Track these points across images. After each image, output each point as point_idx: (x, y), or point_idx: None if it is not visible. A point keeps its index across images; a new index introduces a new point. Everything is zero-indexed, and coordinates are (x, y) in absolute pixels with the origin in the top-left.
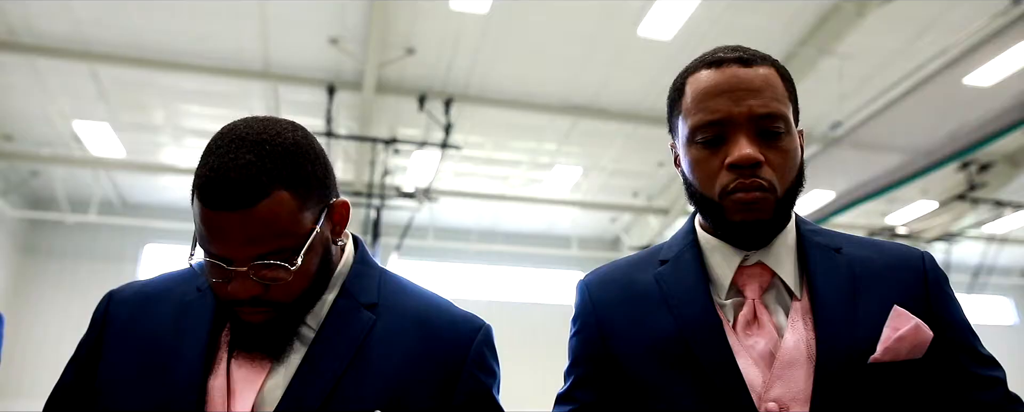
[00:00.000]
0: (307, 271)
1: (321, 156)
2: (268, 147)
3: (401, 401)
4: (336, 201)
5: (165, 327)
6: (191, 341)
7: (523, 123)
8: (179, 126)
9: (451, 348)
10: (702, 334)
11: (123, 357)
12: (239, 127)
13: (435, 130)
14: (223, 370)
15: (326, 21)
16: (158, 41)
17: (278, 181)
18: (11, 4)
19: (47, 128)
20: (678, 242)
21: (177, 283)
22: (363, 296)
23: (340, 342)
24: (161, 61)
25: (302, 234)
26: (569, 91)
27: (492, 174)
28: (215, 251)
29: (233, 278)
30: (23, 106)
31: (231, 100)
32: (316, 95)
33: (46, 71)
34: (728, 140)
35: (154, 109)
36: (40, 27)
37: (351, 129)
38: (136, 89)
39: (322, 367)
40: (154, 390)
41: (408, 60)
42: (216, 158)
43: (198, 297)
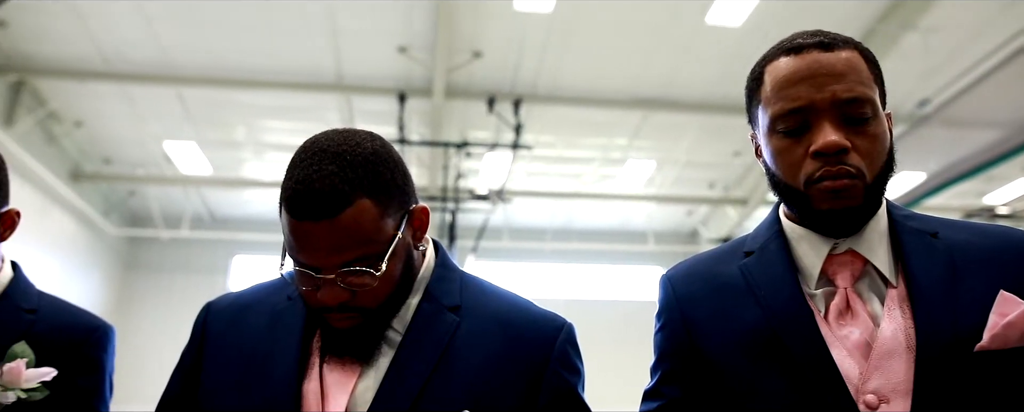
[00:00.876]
0: (391, 276)
1: (399, 164)
2: (349, 158)
3: (487, 401)
4: (416, 207)
5: (260, 335)
6: (285, 347)
7: (593, 119)
8: (260, 141)
9: (534, 348)
10: (792, 325)
11: (222, 365)
12: (320, 140)
13: (505, 131)
14: (316, 374)
15: (394, 30)
16: (237, 61)
17: (360, 190)
18: (106, 35)
19: (140, 150)
20: (763, 233)
21: (269, 293)
22: (446, 299)
23: (426, 345)
24: (240, 80)
25: (385, 240)
26: (638, 85)
27: (564, 172)
28: (304, 260)
29: (322, 286)
30: (119, 131)
31: (307, 113)
32: (388, 103)
33: (137, 96)
34: (812, 128)
35: (236, 126)
36: (130, 56)
37: (423, 135)
38: (219, 108)
39: (410, 369)
40: (253, 395)
41: (475, 63)
42: (300, 171)
43: (289, 305)
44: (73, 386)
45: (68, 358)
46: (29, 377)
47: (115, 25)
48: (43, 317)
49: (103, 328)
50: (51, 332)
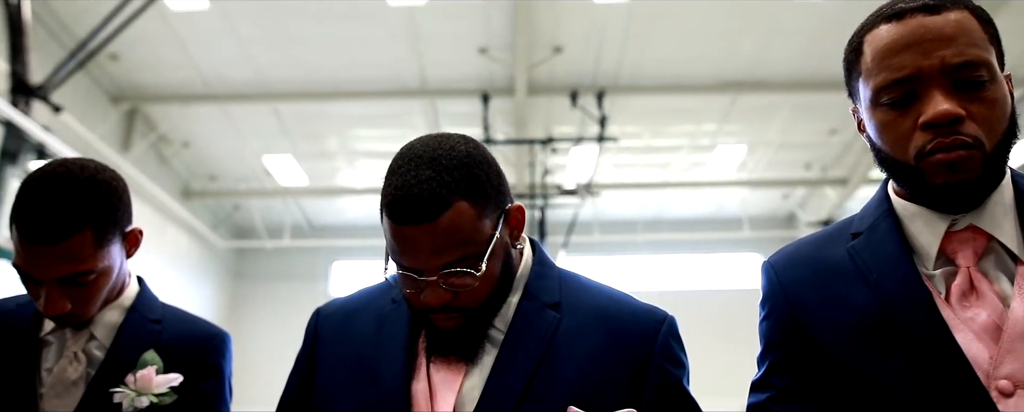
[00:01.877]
0: (491, 276)
1: (493, 165)
2: (444, 162)
3: (592, 397)
4: (511, 206)
5: (368, 338)
6: (392, 349)
7: (679, 107)
8: (351, 150)
9: (637, 342)
10: (910, 309)
11: (334, 368)
12: (416, 146)
13: (590, 125)
14: (424, 374)
15: (474, 33)
16: (326, 75)
17: (456, 193)
18: (205, 60)
19: (242, 165)
20: (871, 212)
21: (374, 297)
22: (545, 296)
23: (528, 342)
24: (330, 92)
25: (483, 241)
26: (723, 68)
27: (652, 162)
28: (406, 264)
29: (424, 288)
30: (221, 149)
31: (395, 120)
32: (471, 105)
33: (237, 115)
34: (921, 97)
35: (328, 137)
36: (228, 77)
37: (508, 133)
38: (312, 121)
39: (514, 367)
40: (365, 396)
41: (556, 59)
42: (399, 177)
43: (394, 308)
44: (196, 390)
45: (191, 364)
46: (159, 383)
47: (213, 50)
48: (167, 327)
49: (221, 335)
50: (175, 340)
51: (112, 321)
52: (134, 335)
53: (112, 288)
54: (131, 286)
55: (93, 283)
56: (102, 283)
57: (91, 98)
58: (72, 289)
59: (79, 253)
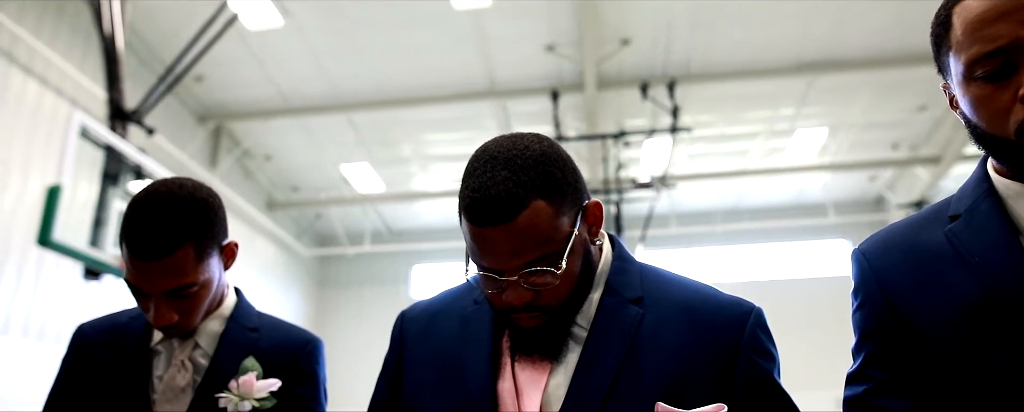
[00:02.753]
0: (572, 273)
1: (568, 162)
2: (519, 162)
3: (679, 392)
4: (589, 202)
5: (452, 339)
6: (477, 349)
7: (754, 92)
8: (425, 154)
9: (723, 335)
10: (1020, 293)
11: (421, 369)
12: (490, 147)
13: (662, 116)
14: (509, 373)
15: (540, 31)
16: (397, 82)
17: (533, 192)
18: (282, 76)
19: (321, 175)
20: (969, 193)
21: (456, 298)
22: (627, 291)
23: (612, 338)
24: (402, 99)
25: (562, 238)
26: (799, 48)
27: (729, 150)
28: (486, 264)
29: (506, 287)
30: (302, 160)
31: (466, 122)
32: (541, 103)
33: (314, 127)
34: (1019, 69)
35: (402, 143)
36: (304, 91)
37: (579, 130)
38: (385, 128)
39: (599, 364)
40: (452, 397)
41: (624, 51)
42: (475, 179)
43: (476, 309)
44: (293, 395)
45: (287, 370)
46: (259, 388)
47: (288, 65)
48: (264, 334)
49: (314, 341)
50: (272, 347)
51: (214, 330)
52: (234, 343)
53: (213, 299)
54: (230, 297)
55: (196, 295)
56: (204, 295)
57: (180, 119)
58: (177, 301)
59: (182, 267)
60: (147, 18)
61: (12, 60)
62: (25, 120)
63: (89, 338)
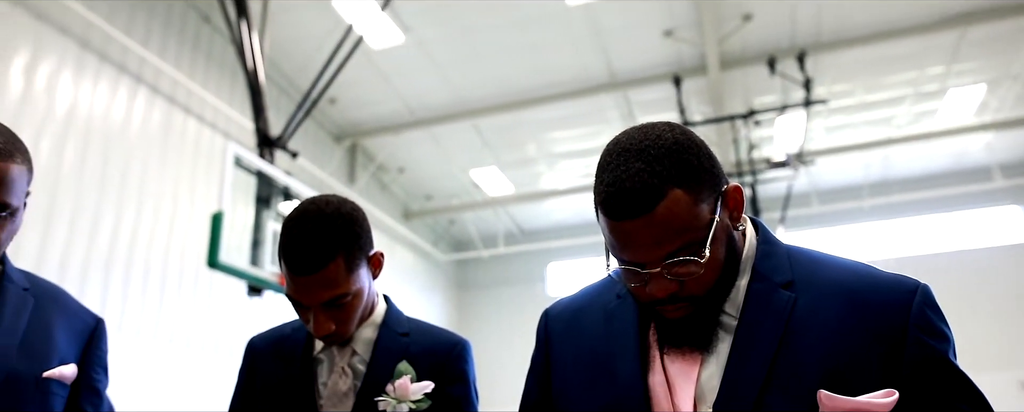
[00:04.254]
0: (716, 261)
1: (703, 148)
2: (653, 152)
3: (841, 380)
4: (728, 187)
5: (597, 334)
6: (624, 344)
7: (895, 53)
8: (550, 153)
9: (888, 315)
10: None
11: (569, 366)
12: (622, 140)
13: (794, 90)
14: (659, 367)
15: (655, 17)
16: (517, 85)
17: (669, 181)
18: (408, 90)
19: (452, 182)
20: None
21: (598, 293)
22: (776, 276)
23: (765, 326)
24: (524, 100)
25: (703, 226)
26: (944, 0)
27: (870, 119)
28: (627, 258)
29: (649, 280)
30: (433, 169)
31: (589, 117)
32: (664, 90)
33: (442, 136)
34: None
35: (527, 144)
36: (430, 103)
37: (705, 113)
38: (510, 130)
39: (753, 353)
40: (602, 392)
41: (747, 27)
42: (610, 173)
43: (620, 303)
44: (446, 396)
45: (439, 372)
46: (415, 390)
47: (413, 79)
48: (415, 339)
49: (462, 343)
50: (422, 351)
51: (368, 337)
52: (388, 348)
53: (365, 307)
54: (380, 304)
55: (350, 304)
56: (357, 304)
57: (318, 141)
58: (334, 311)
59: (335, 279)
60: (282, 51)
61: (173, 102)
62: (189, 155)
63: (259, 349)
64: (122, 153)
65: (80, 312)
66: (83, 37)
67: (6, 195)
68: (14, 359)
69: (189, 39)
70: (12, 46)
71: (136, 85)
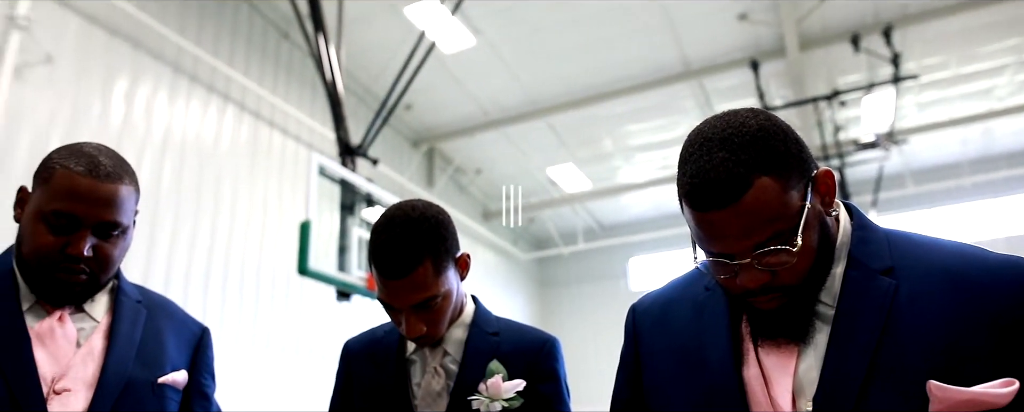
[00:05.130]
0: (809, 249)
1: (789, 133)
2: (737, 140)
3: (951, 369)
4: (818, 172)
5: (687, 328)
6: (715, 337)
7: (992, 20)
8: (626, 146)
9: (1002, 300)
10: None
11: (659, 361)
12: (704, 130)
13: (880, 67)
14: (753, 360)
15: (729, 2)
16: (589, 80)
17: (756, 169)
18: (481, 92)
19: (529, 181)
20: None
21: (686, 286)
22: (874, 262)
23: (864, 315)
24: (597, 95)
25: (794, 213)
26: None
27: (967, 92)
28: (715, 250)
29: (739, 271)
30: (509, 169)
31: (664, 108)
32: (741, 75)
33: (516, 136)
34: None
35: (603, 139)
36: (503, 103)
37: (786, 97)
38: (584, 126)
39: (853, 343)
40: (695, 387)
41: (826, 4)
42: (693, 164)
43: (709, 296)
44: (538, 394)
45: (529, 370)
46: (506, 389)
47: (486, 81)
48: (504, 338)
49: (551, 340)
50: (512, 349)
51: (459, 337)
52: (478, 348)
53: (454, 308)
54: (468, 305)
55: (439, 306)
56: (446, 305)
57: (397, 147)
58: (424, 313)
59: (424, 282)
60: (358, 62)
61: (259, 117)
62: (275, 167)
63: (354, 352)
64: (214, 168)
65: (187, 321)
66: (175, 61)
67: (117, 215)
68: (132, 367)
69: (270, 56)
70: (113, 75)
71: (224, 103)
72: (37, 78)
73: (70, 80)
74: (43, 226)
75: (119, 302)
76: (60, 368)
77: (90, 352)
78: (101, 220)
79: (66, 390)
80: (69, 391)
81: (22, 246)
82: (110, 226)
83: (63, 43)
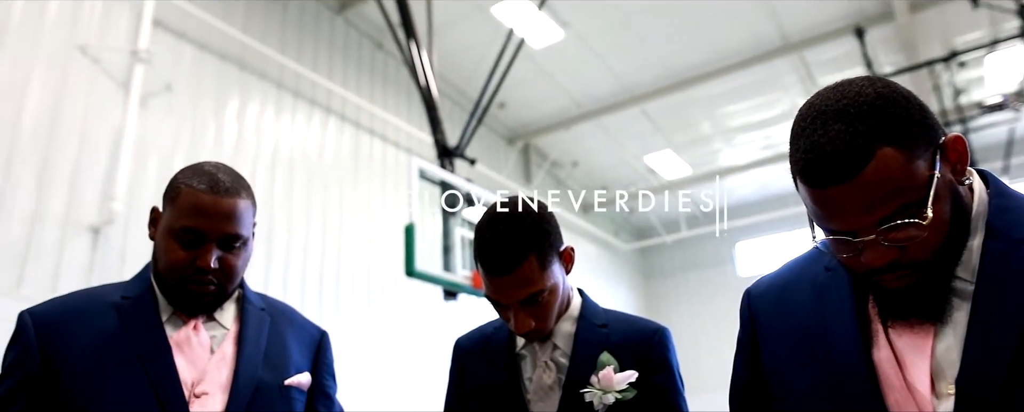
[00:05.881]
0: (940, 221)
1: (911, 99)
2: (853, 109)
3: None
4: (947, 138)
5: (807, 310)
6: (839, 319)
7: None
8: (726, 128)
9: None
10: None
11: (780, 345)
12: (816, 103)
13: (1004, 21)
14: (884, 341)
15: None
16: (681, 63)
17: (877, 140)
18: (572, 84)
19: (627, 170)
20: None
21: (803, 267)
22: (1017, 231)
23: (1009, 289)
24: (690, 78)
25: (921, 185)
26: None
27: None
28: (836, 227)
29: (863, 249)
30: (606, 160)
31: (763, 86)
32: (845, 45)
33: (611, 126)
34: None
35: (700, 122)
36: (594, 93)
37: (897, 63)
38: (679, 111)
39: (998, 320)
40: (820, 370)
41: None
42: (806, 139)
43: (829, 276)
44: (652, 385)
45: (641, 361)
46: (618, 380)
47: (576, 73)
48: (613, 329)
49: (662, 330)
50: (622, 341)
51: (567, 331)
52: (587, 341)
53: (561, 302)
54: (575, 298)
55: (546, 300)
56: (553, 299)
57: (492, 145)
58: (532, 308)
59: (530, 277)
60: (450, 65)
61: (359, 126)
62: (377, 173)
63: (466, 349)
64: (321, 178)
65: (307, 325)
66: (279, 79)
67: (238, 228)
68: (261, 370)
69: (366, 67)
70: (225, 97)
71: (326, 115)
72: (159, 106)
73: (187, 104)
74: (174, 242)
75: (245, 310)
76: (197, 373)
77: (223, 357)
78: (224, 233)
79: (204, 393)
80: (207, 394)
81: (157, 262)
82: (232, 238)
83: (179, 71)
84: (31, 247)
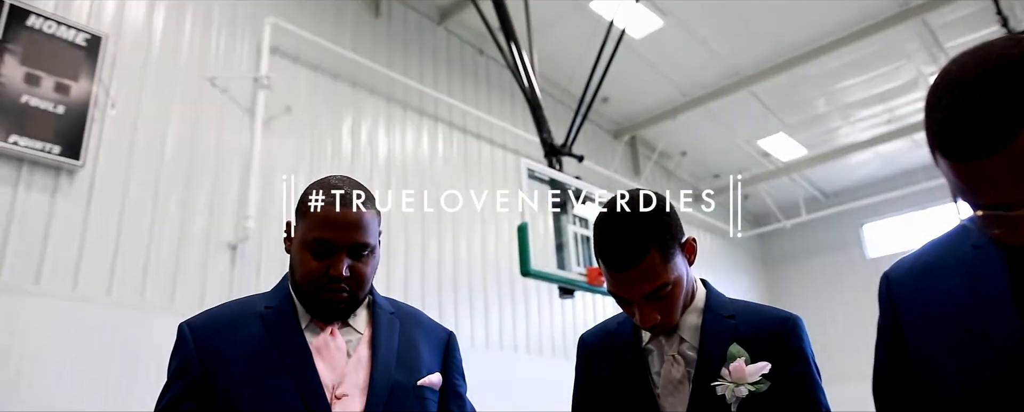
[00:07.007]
0: None
1: None
2: (997, 75)
3: None
4: None
5: (955, 291)
6: (995, 301)
7: None
8: (842, 104)
9: None
10: None
11: (926, 329)
12: (952, 70)
13: None
14: None
15: None
16: (789, 39)
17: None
18: (676, 72)
19: (740, 156)
20: None
21: (947, 245)
22: None
23: None
24: (801, 55)
25: None
26: None
27: None
28: (985, 202)
29: (1018, 223)
30: (717, 146)
31: (882, 56)
32: (973, 3)
33: (719, 112)
34: None
35: (814, 100)
36: (699, 80)
37: None
38: (791, 90)
39: None
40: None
41: None
42: (944, 110)
43: (978, 254)
44: (788, 375)
45: (774, 351)
46: (751, 372)
47: (679, 60)
48: (742, 320)
49: (793, 319)
50: (752, 331)
51: (693, 323)
52: (715, 333)
53: (686, 294)
54: (699, 289)
55: (671, 293)
56: (677, 292)
57: (599, 141)
58: (656, 302)
59: (652, 271)
60: (551, 64)
61: (467, 132)
62: (487, 176)
63: (591, 345)
64: (433, 185)
65: (435, 327)
66: (388, 93)
67: (366, 237)
68: (395, 372)
69: (470, 74)
70: (341, 113)
71: (435, 124)
72: (281, 127)
73: (306, 123)
74: (308, 253)
75: (376, 315)
76: (337, 376)
77: (359, 361)
78: (353, 242)
79: (345, 395)
80: (347, 396)
81: (294, 273)
82: (361, 247)
83: (297, 93)
84: (179, 267)
